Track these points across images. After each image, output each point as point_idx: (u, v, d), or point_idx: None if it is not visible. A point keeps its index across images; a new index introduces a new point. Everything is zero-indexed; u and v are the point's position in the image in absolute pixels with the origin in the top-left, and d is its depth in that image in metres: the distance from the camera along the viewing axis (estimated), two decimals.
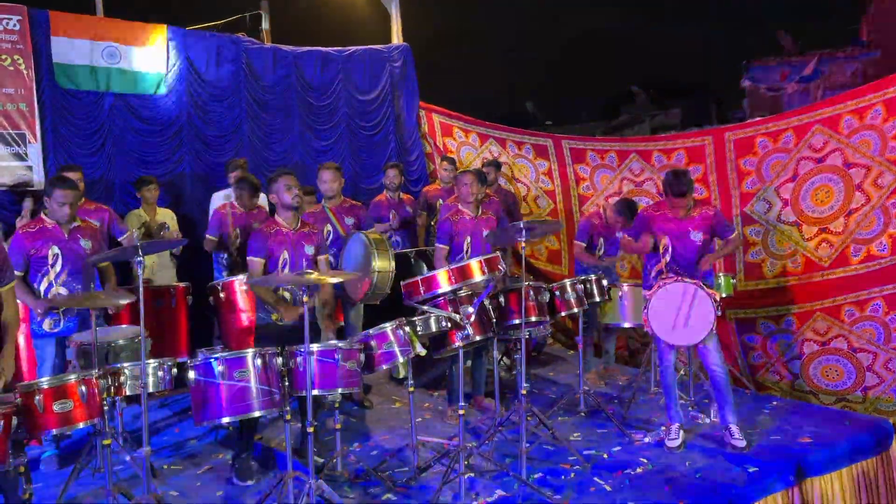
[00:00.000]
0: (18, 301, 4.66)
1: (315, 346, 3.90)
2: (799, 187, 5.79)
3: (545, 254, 7.82)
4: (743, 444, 4.60)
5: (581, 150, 7.27)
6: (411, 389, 4.58)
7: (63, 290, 4.56)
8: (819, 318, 5.82)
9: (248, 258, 4.50)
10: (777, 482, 4.24)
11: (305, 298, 3.67)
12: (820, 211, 5.73)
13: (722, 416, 4.78)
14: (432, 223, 7.21)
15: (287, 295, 4.48)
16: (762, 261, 6.07)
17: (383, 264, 5.16)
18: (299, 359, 3.87)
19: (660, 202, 5.09)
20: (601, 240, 6.21)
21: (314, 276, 3.74)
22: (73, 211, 4.64)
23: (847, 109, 5.51)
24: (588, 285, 5.49)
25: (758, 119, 6.32)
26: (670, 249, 4.87)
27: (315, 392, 3.86)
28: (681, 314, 4.62)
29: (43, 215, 4.68)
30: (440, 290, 4.31)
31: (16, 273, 4.42)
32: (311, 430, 3.67)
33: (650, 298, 4.74)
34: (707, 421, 5.17)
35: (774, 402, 5.56)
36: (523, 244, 4.24)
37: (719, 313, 4.60)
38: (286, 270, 4.45)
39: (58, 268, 4.57)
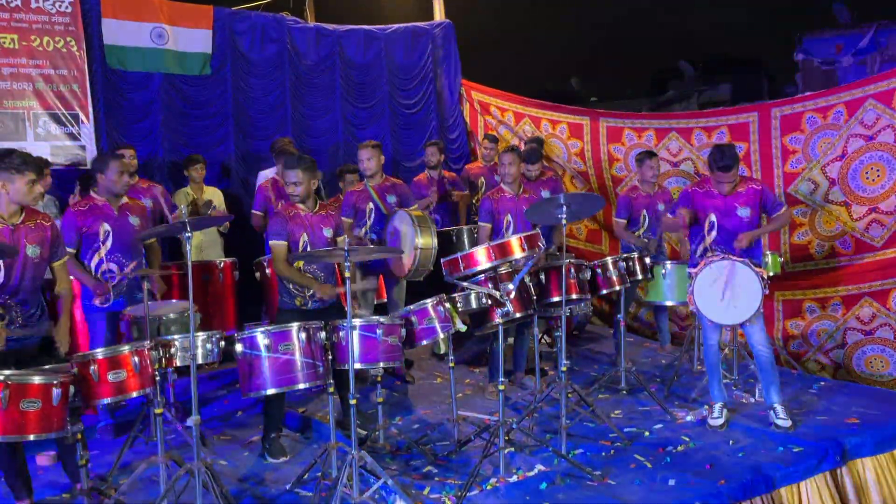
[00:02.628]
0: (72, 278, 4.85)
1: (357, 321, 3.98)
2: (847, 166, 5.61)
3: (584, 233, 7.75)
4: (788, 423, 4.53)
5: (618, 129, 7.13)
6: (452, 365, 4.63)
7: (113, 266, 4.70)
8: (866, 304, 5.64)
9: (270, 242, 4.50)
10: (823, 463, 4.17)
11: (347, 274, 3.72)
12: (871, 190, 5.55)
13: (767, 396, 4.71)
14: (474, 201, 7.23)
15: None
16: (809, 242, 5.92)
17: (426, 241, 5.22)
18: (342, 333, 3.94)
19: (704, 179, 4.97)
20: (643, 212, 6.08)
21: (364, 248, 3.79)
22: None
23: None
24: (630, 263, 5.45)
25: (807, 94, 6.12)
26: (716, 227, 4.76)
27: (357, 366, 3.94)
28: (727, 293, 4.53)
29: (93, 193, 4.81)
30: (480, 267, 4.33)
31: (69, 250, 4.57)
32: (353, 402, 3.74)
33: (695, 276, 4.66)
34: (751, 400, 5.10)
35: (822, 383, 5.46)
36: (564, 220, 4.22)
37: (766, 292, 4.49)
38: None
39: (108, 244, 4.70)
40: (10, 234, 3.67)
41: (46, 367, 3.45)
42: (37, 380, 3.20)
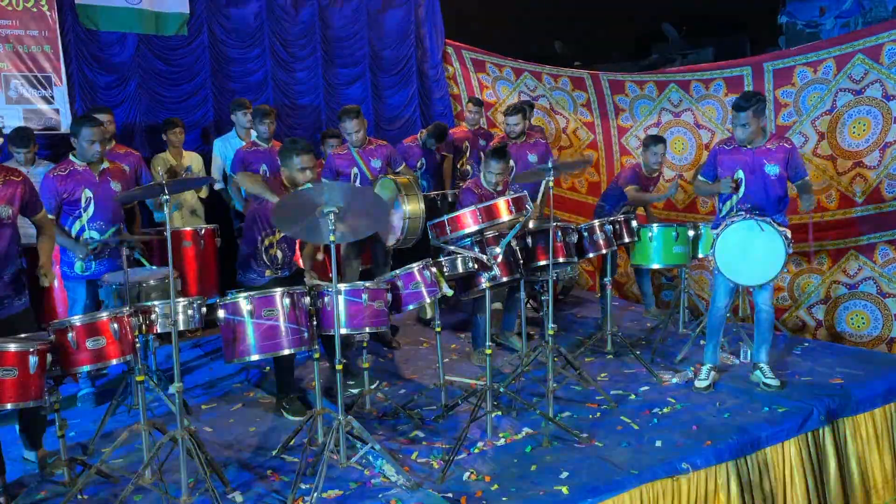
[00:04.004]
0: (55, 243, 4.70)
1: (343, 286, 3.92)
2: (836, 120, 5.61)
3: (586, 186, 7.72)
4: (777, 382, 4.57)
5: (619, 81, 7.11)
6: (438, 330, 4.59)
7: (95, 234, 4.57)
8: (852, 258, 5.68)
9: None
10: (807, 422, 4.21)
11: (332, 238, 3.65)
12: (856, 145, 5.55)
13: (756, 354, 4.73)
14: (458, 165, 7.14)
15: (279, 254, 4.51)
16: (796, 196, 5.92)
17: (413, 208, 5.08)
18: (327, 298, 3.88)
19: (731, 137, 4.78)
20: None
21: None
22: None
23: (890, 39, 5.28)
24: (617, 226, 5.42)
25: (798, 47, 6.10)
26: (743, 183, 4.62)
27: (343, 331, 3.89)
28: (749, 253, 4.45)
29: (72, 157, 4.63)
30: (467, 230, 4.27)
31: (49, 216, 4.43)
32: (339, 367, 3.69)
33: (718, 235, 4.58)
34: (736, 362, 5.13)
35: (806, 344, 5.50)
36: (551, 182, 4.16)
37: (790, 251, 4.41)
38: None
39: (90, 211, 4.54)
40: None
41: (23, 335, 3.37)
42: (13, 347, 3.12)
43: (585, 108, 7.49)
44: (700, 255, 5.64)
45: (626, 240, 5.48)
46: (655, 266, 5.74)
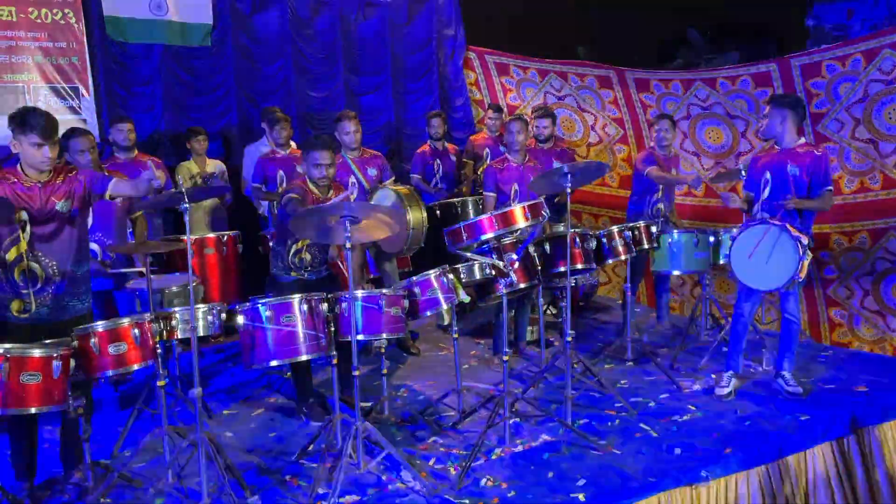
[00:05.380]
0: None
1: (360, 293, 3.95)
2: (870, 107, 5.60)
3: (617, 180, 7.68)
4: (800, 390, 4.53)
5: (645, 80, 7.11)
6: (456, 336, 4.60)
7: (95, 246, 4.59)
8: (892, 237, 5.66)
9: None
10: (830, 431, 4.15)
11: (348, 245, 3.69)
12: (895, 129, 5.54)
13: (779, 363, 4.68)
14: (478, 172, 7.15)
15: (307, 257, 4.53)
16: (839, 177, 5.89)
17: (416, 217, 5.05)
18: (344, 304, 3.92)
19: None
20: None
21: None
22: (94, 156, 4.60)
23: None
24: (636, 232, 5.39)
25: (823, 47, 6.08)
26: (769, 185, 4.60)
27: (360, 337, 3.91)
28: (764, 258, 4.43)
29: None
30: (483, 237, 4.27)
31: None
32: (356, 373, 3.72)
33: (735, 240, 4.59)
34: (758, 369, 5.08)
35: (830, 351, 5.44)
36: (569, 189, 4.15)
37: (805, 258, 4.37)
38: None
39: (90, 222, 4.59)
40: (39, 191, 3.56)
41: (48, 340, 3.43)
42: (37, 353, 3.18)
43: (613, 104, 7.48)
44: (721, 262, 5.59)
45: (646, 246, 5.44)
46: (676, 272, 5.70)
